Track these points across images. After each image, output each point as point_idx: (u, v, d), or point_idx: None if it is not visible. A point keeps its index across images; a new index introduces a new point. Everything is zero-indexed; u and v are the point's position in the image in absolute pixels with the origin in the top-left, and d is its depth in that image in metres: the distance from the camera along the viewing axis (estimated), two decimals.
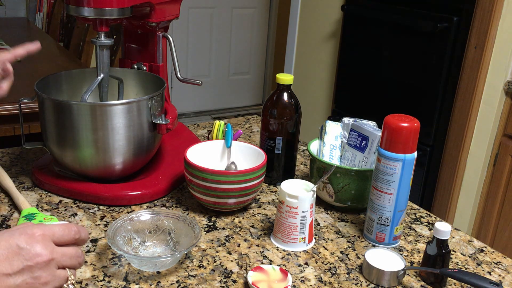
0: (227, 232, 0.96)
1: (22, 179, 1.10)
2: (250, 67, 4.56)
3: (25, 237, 0.59)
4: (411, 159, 0.89)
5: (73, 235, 0.63)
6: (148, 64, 1.16)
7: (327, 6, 2.80)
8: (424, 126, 1.81)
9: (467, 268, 0.91)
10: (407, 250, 0.95)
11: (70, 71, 1.14)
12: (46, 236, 0.60)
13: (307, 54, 3.01)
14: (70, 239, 0.63)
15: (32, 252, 0.58)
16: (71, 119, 0.96)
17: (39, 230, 0.60)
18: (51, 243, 0.61)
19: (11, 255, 0.57)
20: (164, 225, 0.89)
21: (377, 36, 2.44)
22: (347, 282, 0.85)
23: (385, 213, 0.93)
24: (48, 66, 2.14)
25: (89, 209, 1.00)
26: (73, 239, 0.63)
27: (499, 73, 2.05)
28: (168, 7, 1.11)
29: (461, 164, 2.20)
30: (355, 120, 1.09)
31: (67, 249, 0.62)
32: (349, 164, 1.07)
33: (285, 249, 0.92)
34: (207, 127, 1.47)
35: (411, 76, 2.30)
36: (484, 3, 2.02)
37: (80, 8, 0.96)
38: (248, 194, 0.99)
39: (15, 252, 0.57)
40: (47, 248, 0.59)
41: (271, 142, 1.12)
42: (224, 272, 0.85)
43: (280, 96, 1.10)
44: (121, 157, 1.01)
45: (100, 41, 1.02)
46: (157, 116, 1.03)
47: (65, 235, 0.62)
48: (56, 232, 0.62)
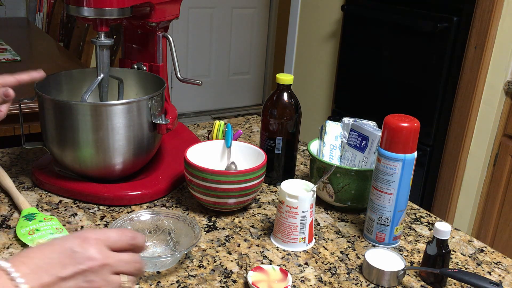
0: (227, 232, 0.96)
1: (22, 179, 1.10)
2: (250, 67, 4.56)
3: (79, 241, 0.58)
4: (411, 159, 0.89)
5: (128, 240, 0.62)
6: (148, 64, 1.16)
7: (327, 6, 2.80)
8: (424, 126, 1.81)
9: (467, 268, 0.91)
10: (407, 250, 0.95)
11: (70, 71, 1.14)
12: (100, 240, 0.59)
13: (307, 54, 3.01)
14: (125, 244, 0.62)
15: (85, 256, 0.57)
16: (71, 119, 0.96)
17: (93, 234, 0.60)
18: (105, 248, 0.60)
19: (64, 258, 0.57)
20: (164, 225, 0.89)
21: (377, 36, 2.44)
22: (347, 282, 0.85)
23: (385, 213, 0.93)
24: (48, 66, 2.14)
25: (89, 209, 1.00)
26: (128, 245, 0.62)
27: (499, 73, 2.05)
28: (168, 7, 1.11)
29: (461, 164, 2.20)
30: (355, 120, 1.09)
31: (122, 255, 0.61)
32: (349, 164, 1.07)
33: (285, 249, 0.92)
34: (207, 127, 1.47)
35: (411, 76, 2.30)
36: (484, 3, 2.02)
37: (80, 8, 0.96)
38: (248, 194, 0.99)
39: (68, 256, 0.57)
40: (101, 252, 0.59)
41: (271, 142, 1.12)
42: (224, 272, 0.85)
43: (280, 96, 1.10)
44: (121, 157, 1.01)
45: (100, 41, 1.02)
46: (157, 116, 1.03)
47: (120, 240, 0.61)
48: (110, 236, 0.61)
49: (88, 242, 0.58)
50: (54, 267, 0.56)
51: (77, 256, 0.57)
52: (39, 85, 1.02)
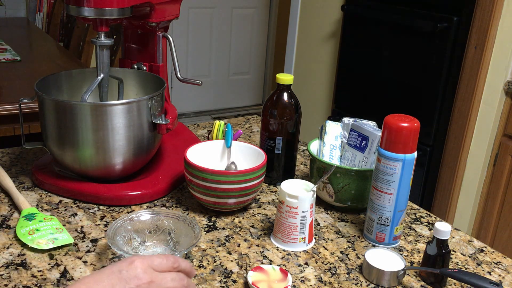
0: (227, 232, 0.96)
1: (22, 179, 1.10)
2: (250, 67, 4.56)
3: (125, 264, 0.64)
4: (411, 159, 0.89)
5: (171, 264, 0.67)
6: (148, 64, 1.16)
7: (327, 6, 2.80)
8: (424, 126, 1.81)
9: (467, 268, 0.91)
10: (407, 250, 0.95)
11: (70, 71, 1.14)
12: (145, 262, 0.65)
13: (307, 54, 3.01)
14: (168, 267, 0.66)
15: (132, 275, 0.62)
16: (71, 119, 0.96)
17: (138, 257, 0.65)
18: (150, 268, 0.64)
19: (113, 280, 0.62)
20: (164, 225, 0.89)
21: (377, 36, 2.44)
22: (347, 282, 0.85)
23: (385, 213, 0.93)
24: (48, 66, 2.14)
25: (89, 209, 1.00)
26: (171, 268, 0.67)
27: (499, 73, 2.05)
28: (168, 7, 1.11)
29: (461, 164, 2.20)
30: (355, 120, 1.09)
31: (167, 273, 0.66)
32: (349, 164, 1.07)
33: (285, 249, 0.92)
34: (207, 127, 1.47)
35: (411, 76, 2.30)
36: (484, 3, 2.02)
37: (80, 8, 0.96)
38: (248, 194, 0.99)
39: (117, 277, 0.62)
40: (146, 272, 0.64)
41: (271, 142, 1.12)
42: (224, 272, 0.85)
43: (280, 96, 1.10)
44: (121, 157, 1.01)
45: (100, 41, 1.02)
46: (157, 116, 1.03)
47: (163, 263, 0.66)
48: (154, 259, 0.66)
49: (134, 264, 0.64)
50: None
51: (124, 276, 0.62)
52: (39, 85, 1.02)
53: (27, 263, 0.83)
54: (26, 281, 0.79)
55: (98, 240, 0.90)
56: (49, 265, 0.83)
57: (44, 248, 0.86)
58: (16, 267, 0.82)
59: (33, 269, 0.82)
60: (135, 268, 0.63)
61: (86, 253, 0.87)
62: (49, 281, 0.79)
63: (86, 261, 0.85)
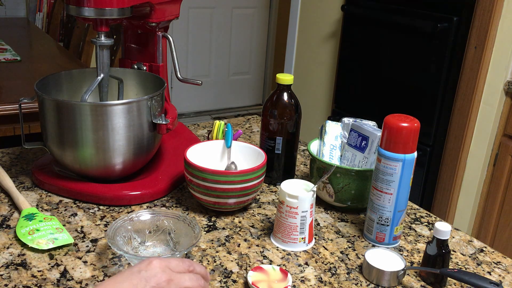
0: (227, 232, 0.96)
1: (22, 179, 1.10)
2: (250, 67, 4.56)
3: (144, 264, 0.67)
4: (411, 159, 0.89)
5: (187, 266, 0.70)
6: (148, 64, 1.16)
7: (327, 6, 2.80)
8: (424, 126, 1.81)
9: (467, 268, 0.91)
10: (407, 250, 0.95)
11: (70, 71, 1.14)
12: (163, 262, 0.67)
13: (307, 54, 3.01)
14: (184, 269, 0.69)
15: (151, 274, 0.65)
16: (71, 119, 0.96)
17: (156, 258, 0.68)
18: (168, 268, 0.67)
19: (134, 280, 0.64)
20: (164, 225, 0.89)
21: (377, 36, 2.44)
22: (347, 282, 0.85)
23: (385, 213, 0.93)
24: (48, 66, 2.14)
25: (89, 209, 1.00)
26: (187, 270, 0.70)
27: (499, 73, 2.05)
28: (168, 7, 1.11)
29: (461, 164, 2.20)
30: (355, 120, 1.09)
31: (185, 273, 0.69)
32: (349, 164, 1.07)
33: (285, 249, 0.92)
34: (207, 127, 1.47)
35: (411, 76, 2.30)
36: (484, 3, 2.02)
37: (80, 8, 0.96)
38: (248, 194, 0.99)
39: (137, 277, 0.65)
40: (165, 271, 0.66)
41: (271, 142, 1.12)
42: (224, 272, 0.85)
43: (280, 96, 1.10)
44: (121, 157, 1.01)
45: (100, 41, 1.02)
46: (157, 116, 1.03)
47: (180, 265, 0.69)
48: (171, 261, 0.69)
49: (152, 264, 0.66)
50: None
51: (144, 275, 0.65)
52: (39, 85, 1.02)
53: (27, 263, 0.83)
54: (26, 281, 0.79)
55: (98, 240, 0.90)
56: (49, 265, 0.83)
57: (44, 248, 0.86)
58: (16, 267, 0.82)
59: (33, 269, 0.82)
60: (154, 268, 0.66)
61: (86, 253, 0.87)
62: (49, 281, 0.79)
63: (86, 261, 0.85)
